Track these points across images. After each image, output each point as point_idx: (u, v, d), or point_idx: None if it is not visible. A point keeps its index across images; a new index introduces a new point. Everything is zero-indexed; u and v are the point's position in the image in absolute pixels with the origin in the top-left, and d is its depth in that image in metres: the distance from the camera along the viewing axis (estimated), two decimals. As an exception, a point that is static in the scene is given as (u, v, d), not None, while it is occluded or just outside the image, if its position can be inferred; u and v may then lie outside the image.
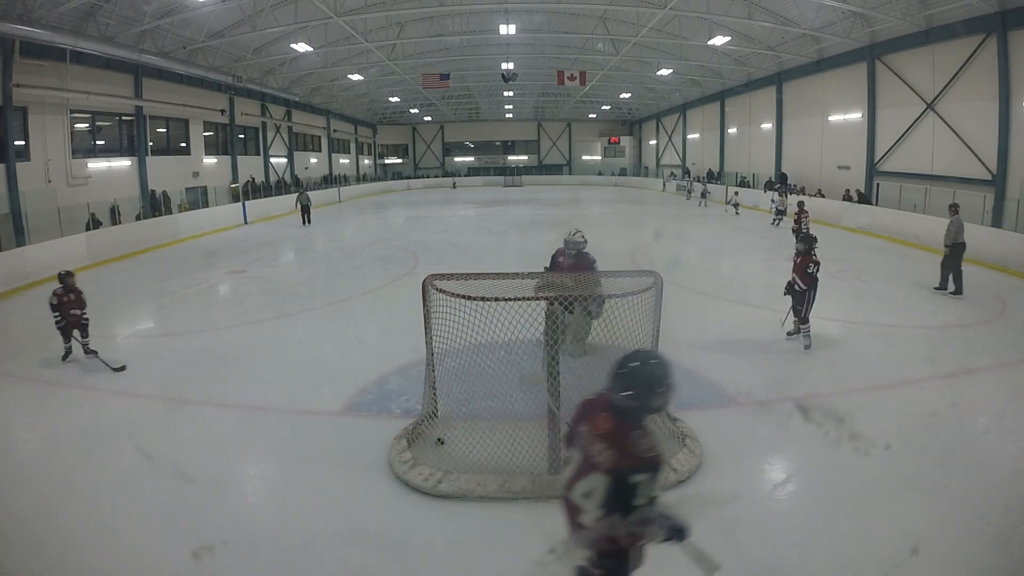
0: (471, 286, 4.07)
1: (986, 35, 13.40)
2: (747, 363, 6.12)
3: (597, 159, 44.95)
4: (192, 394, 5.60)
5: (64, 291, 6.50)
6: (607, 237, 16.64)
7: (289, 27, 17.23)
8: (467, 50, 24.37)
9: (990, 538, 3.35)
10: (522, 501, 3.75)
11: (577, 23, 21.01)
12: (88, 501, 3.85)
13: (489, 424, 4.24)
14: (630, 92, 32.21)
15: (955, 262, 9.11)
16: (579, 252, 6.08)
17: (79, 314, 6.55)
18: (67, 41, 13.46)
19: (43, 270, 11.37)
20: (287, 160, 29.38)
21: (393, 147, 46.48)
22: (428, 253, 13.44)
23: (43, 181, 14.45)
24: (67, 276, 6.61)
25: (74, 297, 6.56)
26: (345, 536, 3.48)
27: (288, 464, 4.38)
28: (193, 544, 3.33)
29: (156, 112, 18.87)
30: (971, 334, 7.17)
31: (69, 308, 6.48)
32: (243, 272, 11.81)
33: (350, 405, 5.28)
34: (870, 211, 16.16)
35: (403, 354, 6.24)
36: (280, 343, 7.21)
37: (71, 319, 6.50)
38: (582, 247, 6.09)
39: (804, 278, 6.51)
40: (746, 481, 3.98)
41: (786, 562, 3.18)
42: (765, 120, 24.41)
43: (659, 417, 4.53)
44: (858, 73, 18.02)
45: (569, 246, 6.10)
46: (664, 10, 15.93)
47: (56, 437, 4.82)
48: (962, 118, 14.48)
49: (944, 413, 4.91)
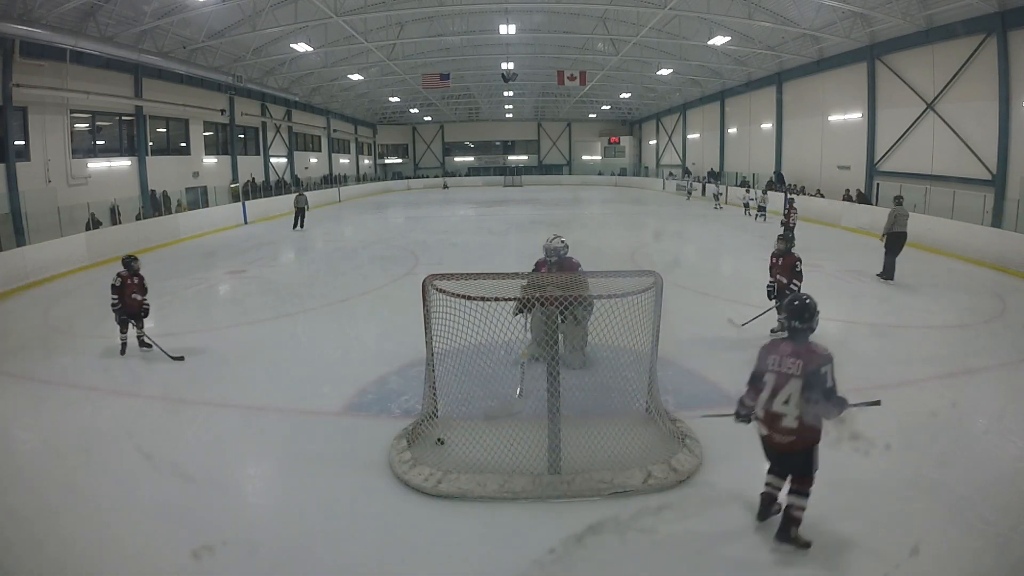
0: (471, 286, 4.07)
1: (986, 35, 13.40)
2: (747, 363, 6.08)
3: (597, 159, 44.95)
4: (192, 394, 5.60)
5: (128, 274, 6.51)
6: (607, 237, 16.67)
7: (289, 27, 17.22)
8: (467, 50, 24.38)
9: (990, 538, 3.35)
10: (522, 501, 3.75)
11: (577, 23, 21.01)
12: (88, 501, 3.85)
13: (489, 424, 4.23)
14: (630, 92, 32.21)
15: (894, 251, 9.71)
16: (560, 258, 5.91)
17: (140, 299, 6.55)
18: (67, 41, 13.46)
19: (43, 270, 11.39)
20: (287, 160, 29.38)
21: (393, 147, 46.48)
22: (428, 253, 13.44)
23: (43, 181, 14.45)
24: (132, 260, 6.63)
25: (137, 281, 6.57)
26: (345, 536, 3.48)
27: (288, 464, 4.38)
28: (193, 544, 3.33)
29: (156, 112, 18.87)
30: (971, 334, 7.17)
31: (131, 292, 6.49)
32: (243, 272, 11.81)
33: (350, 405, 5.28)
34: (870, 211, 16.16)
35: (403, 354, 6.24)
36: (280, 343, 7.21)
37: (131, 304, 6.50)
38: (563, 252, 5.92)
39: (796, 276, 6.52)
40: (746, 481, 3.97)
41: (786, 562, 3.18)
42: (765, 120, 24.40)
43: (659, 417, 4.54)
44: (858, 73, 18.02)
45: (549, 253, 5.91)
46: (664, 10, 15.92)
47: (56, 437, 4.82)
48: (962, 118, 14.48)
49: (944, 413, 4.91)
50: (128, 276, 6.54)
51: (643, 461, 4.01)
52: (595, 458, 4.00)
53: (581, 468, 3.94)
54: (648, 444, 4.21)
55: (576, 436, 4.00)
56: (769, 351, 3.28)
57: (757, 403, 3.23)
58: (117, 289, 6.49)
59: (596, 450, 4.03)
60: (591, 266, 6.02)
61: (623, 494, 3.77)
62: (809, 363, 3.06)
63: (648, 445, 4.20)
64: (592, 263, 6.33)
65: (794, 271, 6.53)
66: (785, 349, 3.18)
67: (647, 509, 3.63)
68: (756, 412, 3.24)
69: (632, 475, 3.89)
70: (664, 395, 4.90)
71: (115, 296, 6.49)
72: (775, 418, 3.15)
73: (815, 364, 3.05)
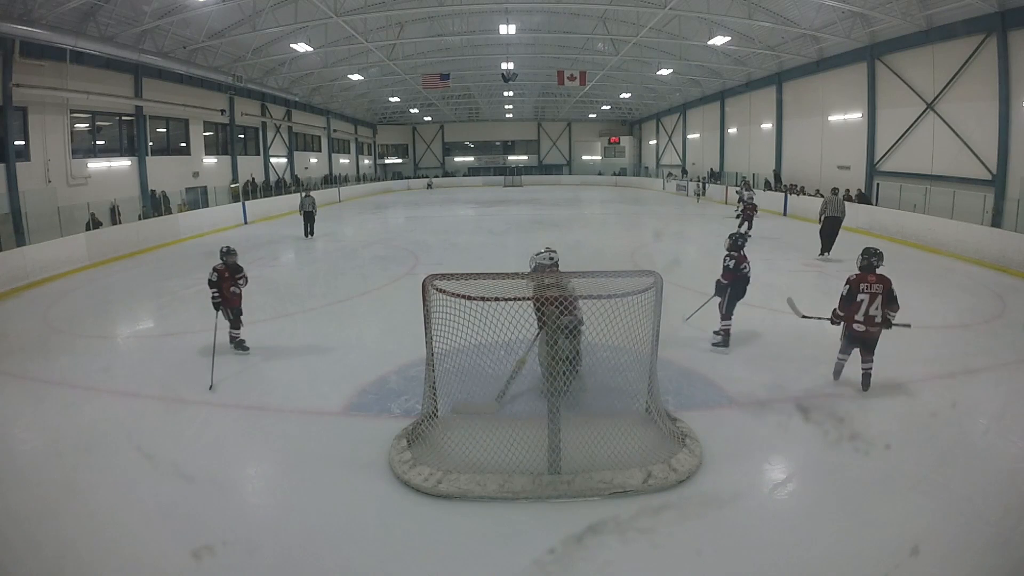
0: (471, 286, 4.06)
1: (986, 35, 13.40)
2: (747, 363, 6.12)
3: (597, 159, 44.94)
4: (192, 394, 5.59)
5: (225, 267, 6.40)
6: (607, 237, 16.67)
7: (289, 27, 17.22)
8: (467, 50, 24.36)
9: (990, 538, 3.35)
10: (522, 501, 3.75)
11: (577, 23, 21.00)
12: (88, 501, 3.85)
13: (489, 424, 4.23)
14: (630, 92, 32.20)
15: (827, 232, 12.02)
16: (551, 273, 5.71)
17: (238, 293, 6.46)
18: (67, 41, 13.46)
19: (43, 270, 11.39)
20: (287, 160, 29.38)
21: (393, 147, 46.48)
22: (428, 253, 13.44)
23: (43, 181, 14.45)
24: (228, 253, 6.50)
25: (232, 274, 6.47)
26: (345, 536, 3.48)
27: (288, 464, 4.38)
28: (193, 544, 3.33)
29: (156, 112, 18.87)
30: (971, 334, 7.17)
31: (229, 286, 6.38)
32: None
33: (350, 405, 5.28)
34: (870, 211, 16.16)
35: (403, 354, 6.25)
36: (280, 343, 7.20)
37: (231, 299, 6.41)
38: (552, 267, 5.63)
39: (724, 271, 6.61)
40: (746, 481, 3.98)
41: (786, 562, 3.18)
42: (765, 120, 24.40)
43: (659, 417, 4.53)
44: (858, 73, 18.02)
45: (538, 269, 5.60)
46: (664, 10, 15.92)
47: (56, 437, 4.82)
48: (962, 118, 14.47)
49: (944, 413, 4.91)
50: (224, 270, 6.36)
51: (643, 461, 4.01)
52: (595, 458, 4.00)
53: (581, 468, 3.94)
54: (648, 444, 4.21)
55: (576, 436, 4.00)
56: (859, 280, 5.22)
57: (854, 312, 5.20)
58: (214, 284, 6.31)
59: (596, 450, 4.03)
60: (592, 266, 5.99)
61: (623, 494, 3.77)
62: (886, 285, 5.17)
63: (648, 445, 4.20)
64: (593, 263, 6.33)
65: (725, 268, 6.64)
66: (871, 278, 5.21)
67: (647, 509, 3.63)
68: (856, 317, 5.20)
69: (632, 475, 3.89)
70: (664, 395, 4.90)
71: (215, 291, 6.30)
72: (871, 319, 5.16)
73: (888, 285, 5.18)
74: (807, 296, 6.66)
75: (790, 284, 9.41)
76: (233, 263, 6.49)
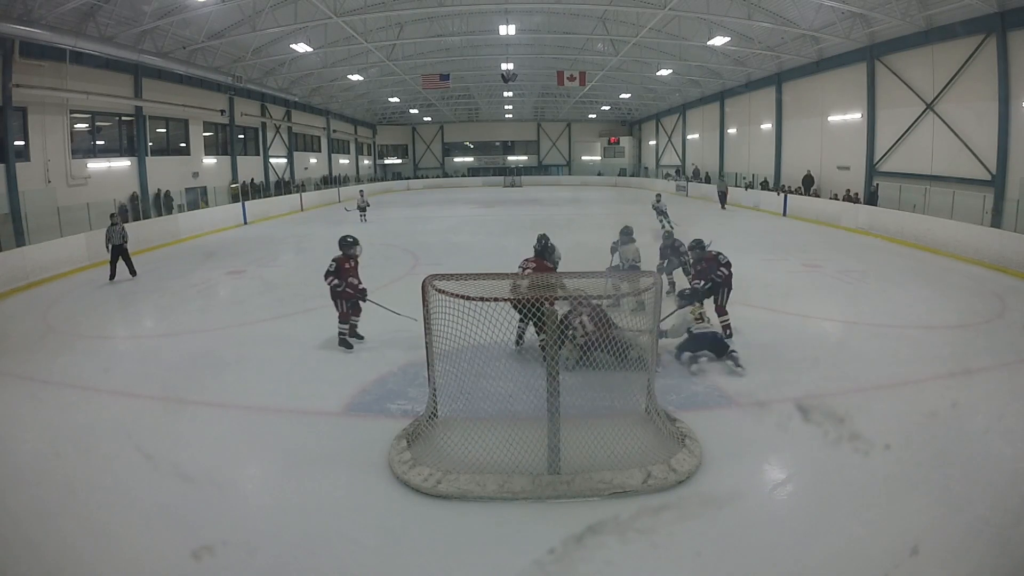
0: (471, 286, 4.07)
1: (986, 35, 13.40)
2: (747, 363, 6.12)
3: (597, 159, 44.93)
4: (192, 394, 5.59)
5: (345, 258, 6.27)
6: (608, 237, 16.60)
7: (289, 27, 17.22)
8: (467, 50, 24.36)
9: (990, 538, 3.35)
10: (522, 501, 3.75)
11: (577, 23, 21.00)
12: (87, 501, 3.84)
13: (489, 424, 4.24)
14: (630, 92, 32.20)
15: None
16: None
17: (358, 284, 6.34)
18: (67, 41, 13.44)
19: (43, 270, 11.39)
20: (287, 160, 29.38)
21: (393, 147, 46.47)
22: (428, 253, 13.44)
23: (43, 181, 14.44)
24: (348, 244, 6.32)
25: (354, 264, 6.36)
26: (345, 536, 3.48)
27: (288, 464, 4.37)
28: (193, 544, 3.33)
29: (156, 112, 18.86)
30: (971, 334, 7.17)
31: (348, 276, 6.25)
32: (243, 272, 11.81)
33: (350, 405, 5.28)
34: (870, 211, 16.17)
35: (403, 354, 6.24)
36: (280, 343, 7.20)
37: (352, 288, 6.29)
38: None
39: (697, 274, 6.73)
40: (746, 481, 3.98)
41: (786, 562, 3.18)
42: (765, 120, 24.40)
43: (659, 417, 4.53)
44: (858, 73, 18.02)
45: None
46: (664, 10, 15.92)
47: (55, 437, 4.81)
48: (962, 118, 14.48)
49: (944, 413, 4.91)
50: (345, 260, 6.25)
51: (643, 461, 4.01)
52: (595, 458, 4.00)
53: (581, 468, 3.94)
54: (648, 444, 4.21)
55: (576, 436, 4.00)
56: None
57: None
58: (332, 273, 6.18)
59: (596, 450, 4.03)
60: (592, 266, 6.01)
61: (623, 494, 3.77)
62: None
63: (648, 445, 4.20)
64: (593, 263, 6.33)
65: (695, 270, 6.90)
66: None
67: (647, 509, 3.63)
68: None
69: (632, 475, 3.89)
70: (664, 395, 4.90)
71: (336, 280, 6.17)
72: None
73: None
74: (807, 296, 6.65)
75: (790, 284, 9.43)
76: (353, 253, 6.31)
